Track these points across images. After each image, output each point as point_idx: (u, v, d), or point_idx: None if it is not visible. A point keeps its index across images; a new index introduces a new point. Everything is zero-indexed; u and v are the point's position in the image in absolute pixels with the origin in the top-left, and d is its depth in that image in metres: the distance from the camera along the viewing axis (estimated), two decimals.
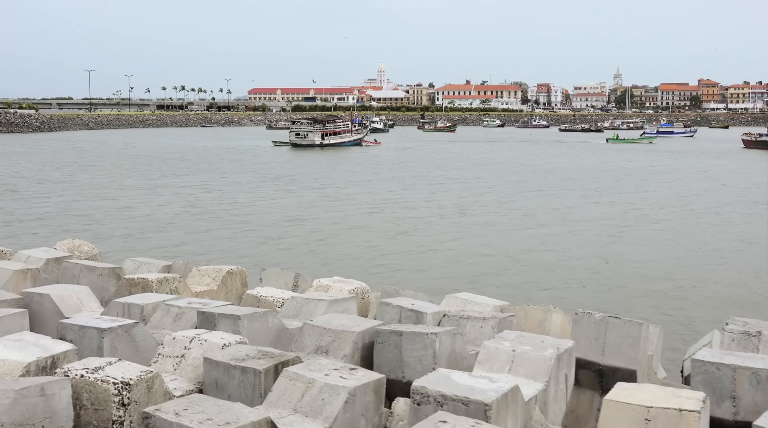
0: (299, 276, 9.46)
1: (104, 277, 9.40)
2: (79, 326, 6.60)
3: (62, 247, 10.98)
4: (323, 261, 21.38)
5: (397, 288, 8.79)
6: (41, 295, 8.10)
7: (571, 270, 20.48)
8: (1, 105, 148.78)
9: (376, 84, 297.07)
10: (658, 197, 38.65)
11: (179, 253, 20.74)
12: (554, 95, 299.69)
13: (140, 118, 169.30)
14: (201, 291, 9.34)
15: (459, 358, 6.08)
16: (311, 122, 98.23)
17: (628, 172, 54.86)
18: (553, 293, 17.36)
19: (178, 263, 10.52)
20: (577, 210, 33.30)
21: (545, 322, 7.35)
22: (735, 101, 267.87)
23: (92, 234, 25.36)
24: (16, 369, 5.62)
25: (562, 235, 26.37)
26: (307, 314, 7.68)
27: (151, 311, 7.72)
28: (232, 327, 6.92)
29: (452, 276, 19.30)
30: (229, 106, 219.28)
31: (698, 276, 19.80)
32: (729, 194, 40.39)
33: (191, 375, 5.82)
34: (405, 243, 24.75)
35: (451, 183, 46.16)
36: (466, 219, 30.38)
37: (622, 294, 17.67)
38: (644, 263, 21.33)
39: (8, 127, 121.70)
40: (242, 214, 31.57)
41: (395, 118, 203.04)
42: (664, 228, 28.29)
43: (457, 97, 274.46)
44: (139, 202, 35.68)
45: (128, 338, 6.66)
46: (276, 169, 56.65)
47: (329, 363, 5.39)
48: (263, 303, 8.15)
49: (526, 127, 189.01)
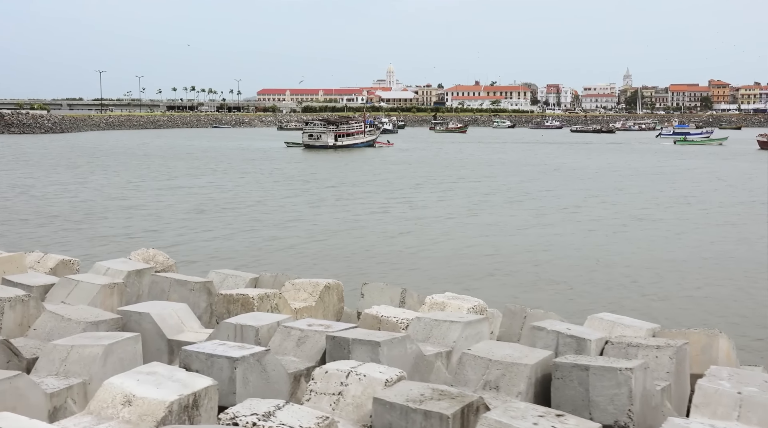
0: (406, 291, 8.74)
1: (196, 292, 8.70)
2: (207, 354, 5.89)
3: (137, 258, 10.29)
4: (368, 267, 20.66)
5: (522, 307, 8.05)
6: (140, 314, 7.42)
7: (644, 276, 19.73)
8: (12, 106, 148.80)
9: (385, 85, 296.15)
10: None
11: (241, 261, 20.09)
12: (564, 96, 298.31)
13: (151, 118, 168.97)
14: (300, 308, 8.63)
15: (649, 396, 5.34)
16: (324, 123, 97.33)
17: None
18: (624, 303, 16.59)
19: (266, 276, 9.80)
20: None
21: (710, 349, 6.61)
22: (746, 102, 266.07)
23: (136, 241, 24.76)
24: (158, 410, 4.91)
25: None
26: (439, 337, 6.96)
27: (267, 334, 7.01)
28: (370, 354, 6.20)
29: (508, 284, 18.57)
30: (240, 106, 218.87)
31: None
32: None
33: (354, 417, 5.10)
34: (441, 247, 24.00)
35: (490, 188, 45.39)
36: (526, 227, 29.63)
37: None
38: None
39: (20, 128, 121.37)
40: (260, 216, 30.90)
41: (406, 118, 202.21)
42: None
43: (466, 97, 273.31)
44: (164, 203, 35.06)
45: (260, 368, 5.95)
46: (301, 172, 56.04)
47: (526, 407, 4.66)
48: (386, 325, 7.42)
49: (538, 127, 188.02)
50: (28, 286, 8.32)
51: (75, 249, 21.97)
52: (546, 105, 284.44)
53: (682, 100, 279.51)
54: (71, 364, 5.95)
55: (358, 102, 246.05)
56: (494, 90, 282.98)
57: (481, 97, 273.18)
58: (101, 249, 22.73)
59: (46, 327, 7.11)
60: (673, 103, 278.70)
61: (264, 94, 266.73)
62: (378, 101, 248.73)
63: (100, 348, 5.98)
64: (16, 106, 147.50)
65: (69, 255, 11.26)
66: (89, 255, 18.56)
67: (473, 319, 7.05)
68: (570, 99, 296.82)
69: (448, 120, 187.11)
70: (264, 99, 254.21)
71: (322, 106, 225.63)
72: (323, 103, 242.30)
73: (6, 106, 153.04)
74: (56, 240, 24.64)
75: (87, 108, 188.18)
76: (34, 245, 23.82)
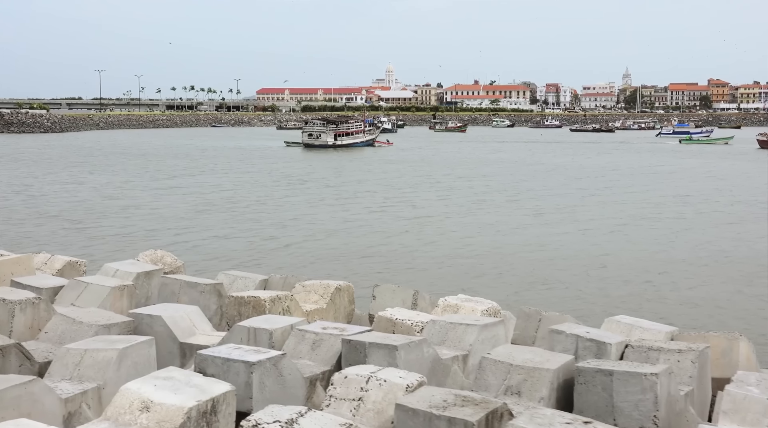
0: (418, 293, 8.66)
1: (206, 295, 8.62)
2: (223, 358, 5.81)
3: (145, 259, 10.21)
4: (376, 268, 20.59)
5: (537, 309, 7.97)
6: (151, 317, 7.33)
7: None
8: (12, 105, 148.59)
9: (384, 84, 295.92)
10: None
11: (245, 263, 20.00)
12: (563, 95, 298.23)
13: (150, 118, 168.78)
14: (311, 311, 8.55)
15: (673, 401, 5.26)
16: (324, 123, 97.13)
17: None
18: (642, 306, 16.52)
19: (276, 277, 9.71)
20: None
21: (731, 352, 6.53)
22: (745, 101, 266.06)
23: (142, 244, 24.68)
24: (177, 416, 4.83)
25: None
26: (455, 341, 6.87)
27: (280, 337, 6.92)
28: (387, 358, 6.11)
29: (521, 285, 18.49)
30: (239, 106, 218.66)
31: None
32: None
33: (375, 423, 5.01)
34: (447, 246, 23.93)
35: (496, 189, 45.32)
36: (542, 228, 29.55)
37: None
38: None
39: (20, 128, 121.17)
40: (261, 215, 30.84)
41: (405, 118, 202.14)
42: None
43: (465, 97, 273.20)
44: (167, 203, 34.96)
45: (276, 372, 5.87)
46: (300, 171, 55.95)
47: (552, 414, 4.58)
48: (400, 328, 7.34)
49: (538, 126, 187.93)
50: (37, 288, 8.23)
51: (75, 249, 21.88)
52: (545, 104, 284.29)
53: (681, 99, 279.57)
54: (85, 369, 5.86)
55: (357, 101, 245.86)
56: (493, 89, 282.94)
57: (480, 96, 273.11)
58: (100, 248, 22.66)
59: (57, 331, 7.03)
60: (672, 102, 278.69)
61: (263, 94, 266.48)
62: (377, 100, 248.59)
63: (114, 353, 5.90)
64: (16, 105, 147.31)
65: (74, 256, 11.19)
66: (86, 254, 18.44)
67: (489, 322, 6.97)
68: (569, 98, 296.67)
69: (447, 119, 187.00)
70: (263, 98, 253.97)
71: (321, 105, 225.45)
72: (322, 102, 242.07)
73: (5, 105, 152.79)
74: (55, 240, 24.54)
75: (86, 107, 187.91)
76: (33, 244, 23.76)
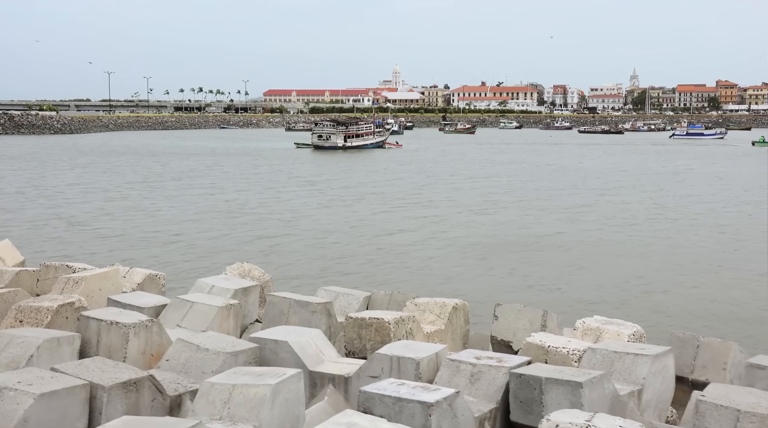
0: (547, 314, 7.97)
1: (318, 315, 7.95)
2: (393, 398, 5.14)
3: (233, 272, 9.54)
4: (390, 275, 19.92)
5: (694, 335, 7.25)
6: (276, 342, 6.66)
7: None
8: (22, 107, 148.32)
9: (391, 85, 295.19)
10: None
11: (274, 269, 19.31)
12: (570, 96, 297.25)
13: (159, 119, 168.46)
14: (431, 332, 7.87)
15: None
16: (334, 124, 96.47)
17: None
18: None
19: (380, 294, 9.03)
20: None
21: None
22: (754, 102, 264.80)
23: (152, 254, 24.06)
24: None
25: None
26: (624, 373, 6.19)
27: (427, 367, 6.25)
28: (569, 397, 5.44)
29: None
30: (247, 107, 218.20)
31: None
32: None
33: None
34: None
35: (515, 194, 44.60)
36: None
37: None
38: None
39: (30, 129, 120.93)
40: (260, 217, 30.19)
41: (414, 119, 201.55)
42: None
43: (473, 98, 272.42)
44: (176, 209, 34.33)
45: (451, 413, 5.20)
46: (311, 172, 55.33)
47: None
48: (554, 357, 6.65)
49: (548, 128, 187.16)
50: (139, 308, 7.57)
51: (141, 260, 21.24)
52: (553, 105, 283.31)
53: (689, 100, 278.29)
54: (236, 407, 5.19)
55: (364, 103, 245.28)
56: (501, 90, 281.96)
57: (487, 97, 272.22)
58: (112, 254, 22.01)
59: (180, 358, 6.36)
60: (680, 103, 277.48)
61: (270, 95, 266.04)
62: (384, 102, 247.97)
63: (267, 389, 5.22)
64: (26, 107, 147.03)
65: (151, 269, 10.54)
66: (153, 264, 17.77)
67: (660, 352, 6.28)
68: (577, 99, 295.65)
69: (456, 121, 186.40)
70: (271, 100, 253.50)
71: (329, 106, 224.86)
72: (330, 103, 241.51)
73: (15, 107, 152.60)
74: (81, 247, 23.90)
75: (94, 109, 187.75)
76: (65, 249, 23.20)
